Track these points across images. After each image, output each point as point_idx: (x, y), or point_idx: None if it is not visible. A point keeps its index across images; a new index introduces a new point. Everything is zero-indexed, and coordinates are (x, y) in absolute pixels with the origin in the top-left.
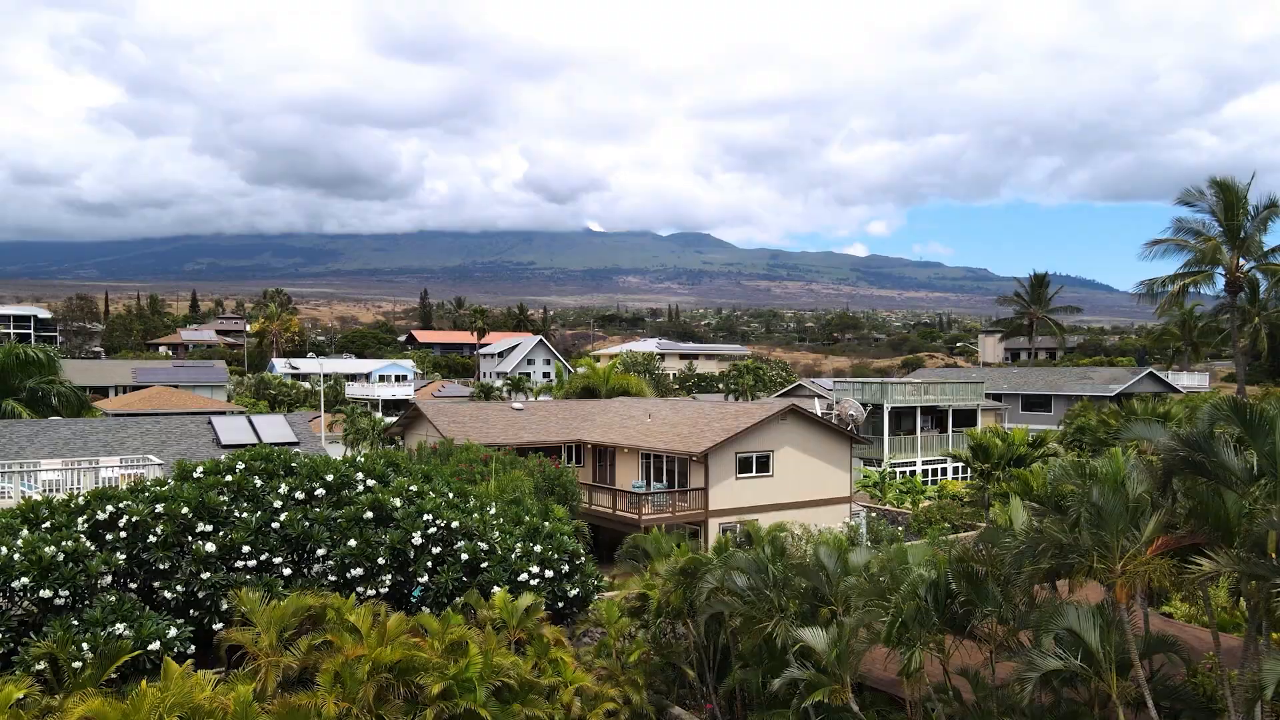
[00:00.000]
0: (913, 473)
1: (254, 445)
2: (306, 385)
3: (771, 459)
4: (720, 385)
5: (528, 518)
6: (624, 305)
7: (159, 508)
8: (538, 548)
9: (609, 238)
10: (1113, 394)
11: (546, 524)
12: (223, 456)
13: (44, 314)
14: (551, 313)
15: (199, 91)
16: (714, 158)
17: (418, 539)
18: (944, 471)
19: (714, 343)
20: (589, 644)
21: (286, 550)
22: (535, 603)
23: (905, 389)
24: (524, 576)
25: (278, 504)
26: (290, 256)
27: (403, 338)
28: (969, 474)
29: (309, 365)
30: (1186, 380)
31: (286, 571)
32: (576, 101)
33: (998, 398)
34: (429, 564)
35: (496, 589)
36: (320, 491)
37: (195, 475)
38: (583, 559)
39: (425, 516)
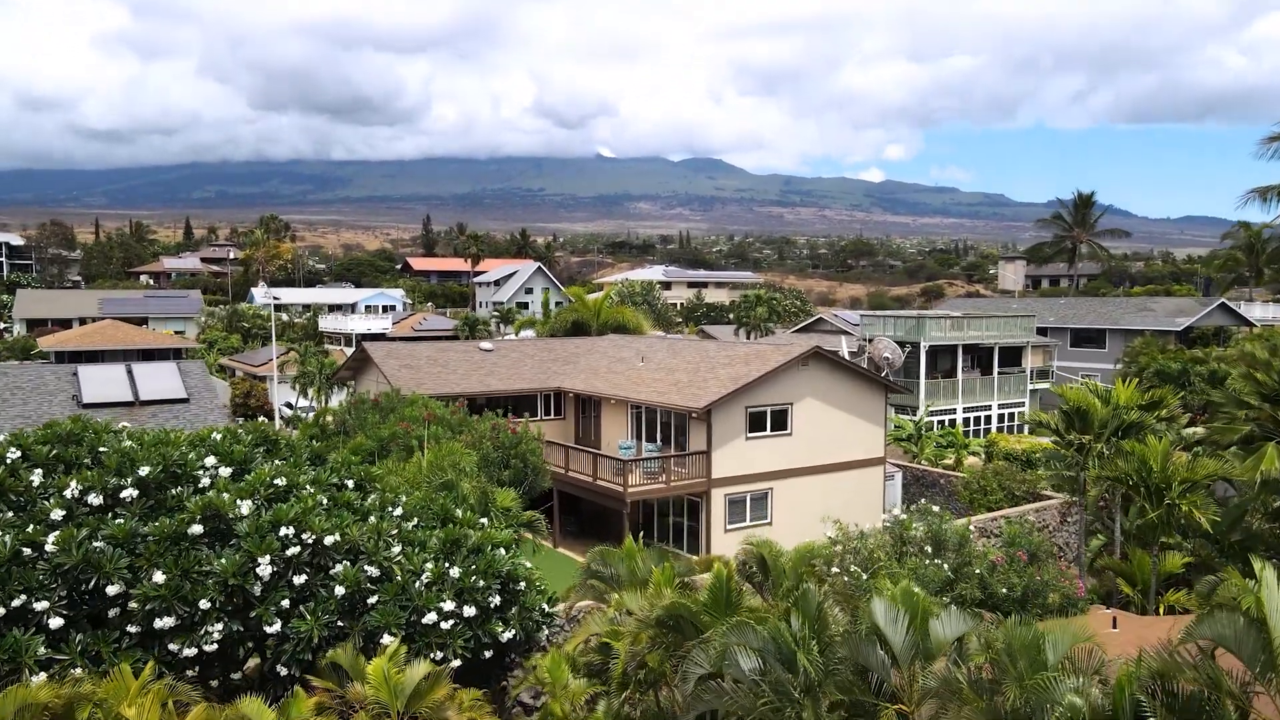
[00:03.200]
0: (952, 422)
1: (128, 404)
2: (285, 317)
3: (790, 414)
4: (730, 316)
5: (460, 513)
6: (634, 232)
7: None
8: (456, 571)
9: (620, 163)
10: (1180, 328)
11: (482, 524)
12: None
13: (16, 241)
14: (561, 239)
15: (203, 13)
16: (727, 80)
17: (265, 566)
18: (988, 419)
19: (725, 270)
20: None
21: (59, 589)
22: (435, 673)
23: (944, 324)
24: (431, 617)
25: (59, 514)
26: (299, 183)
27: (400, 265)
28: (1024, 427)
29: (291, 295)
30: (1259, 312)
31: (55, 623)
32: (586, 23)
33: (1042, 332)
34: (284, 603)
35: (388, 639)
36: (131, 493)
37: None
38: (524, 583)
39: (283, 530)
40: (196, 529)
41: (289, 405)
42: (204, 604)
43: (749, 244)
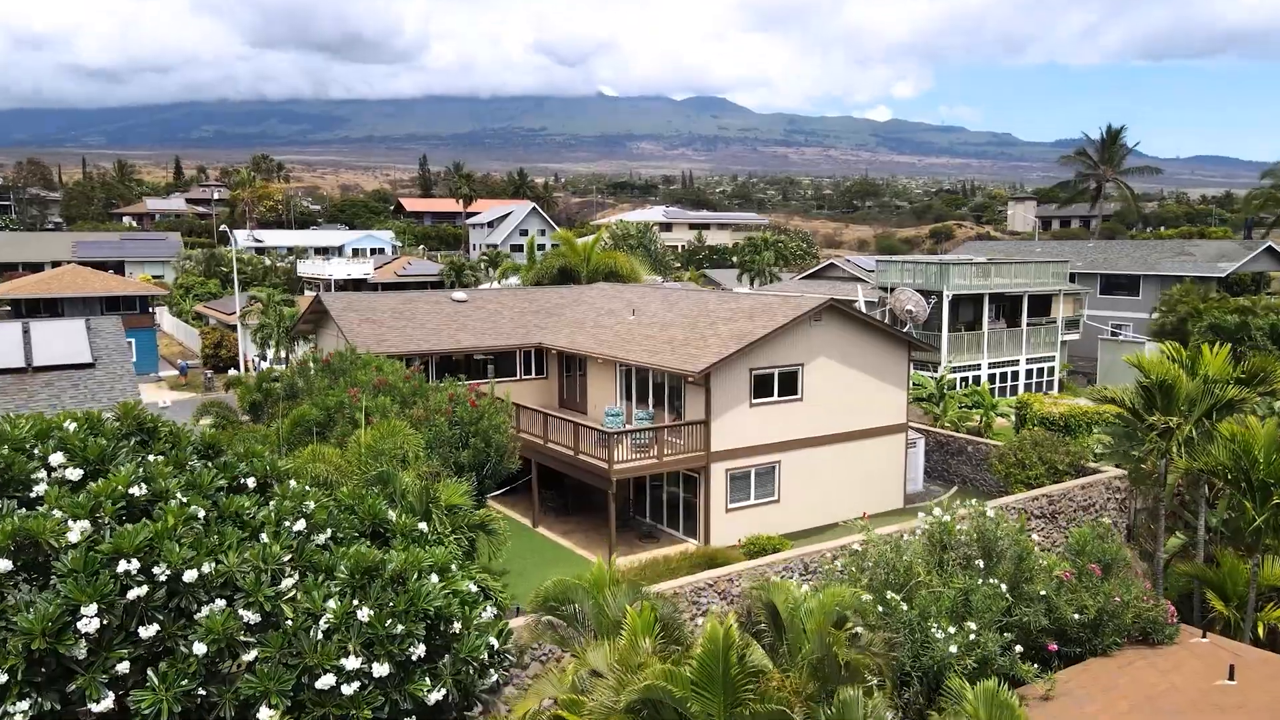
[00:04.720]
0: (977, 379)
1: (18, 371)
2: (269, 261)
3: (800, 376)
4: (734, 259)
5: (394, 515)
6: (637, 172)
7: None
8: (365, 612)
9: (622, 102)
10: (1223, 274)
11: (420, 531)
12: None
13: None
14: (562, 180)
15: None
16: (730, 17)
17: (91, 619)
18: (1015, 375)
19: (728, 211)
20: None
21: None
22: None
23: (969, 271)
24: (329, 680)
25: None
26: (297, 123)
27: (393, 207)
28: (1056, 384)
29: (275, 237)
30: None
31: None
32: None
33: (1070, 278)
34: (123, 666)
35: (266, 712)
36: None
37: None
38: (458, 621)
39: (125, 564)
40: (3, 565)
41: (262, 358)
42: (2, 673)
43: (753, 184)
